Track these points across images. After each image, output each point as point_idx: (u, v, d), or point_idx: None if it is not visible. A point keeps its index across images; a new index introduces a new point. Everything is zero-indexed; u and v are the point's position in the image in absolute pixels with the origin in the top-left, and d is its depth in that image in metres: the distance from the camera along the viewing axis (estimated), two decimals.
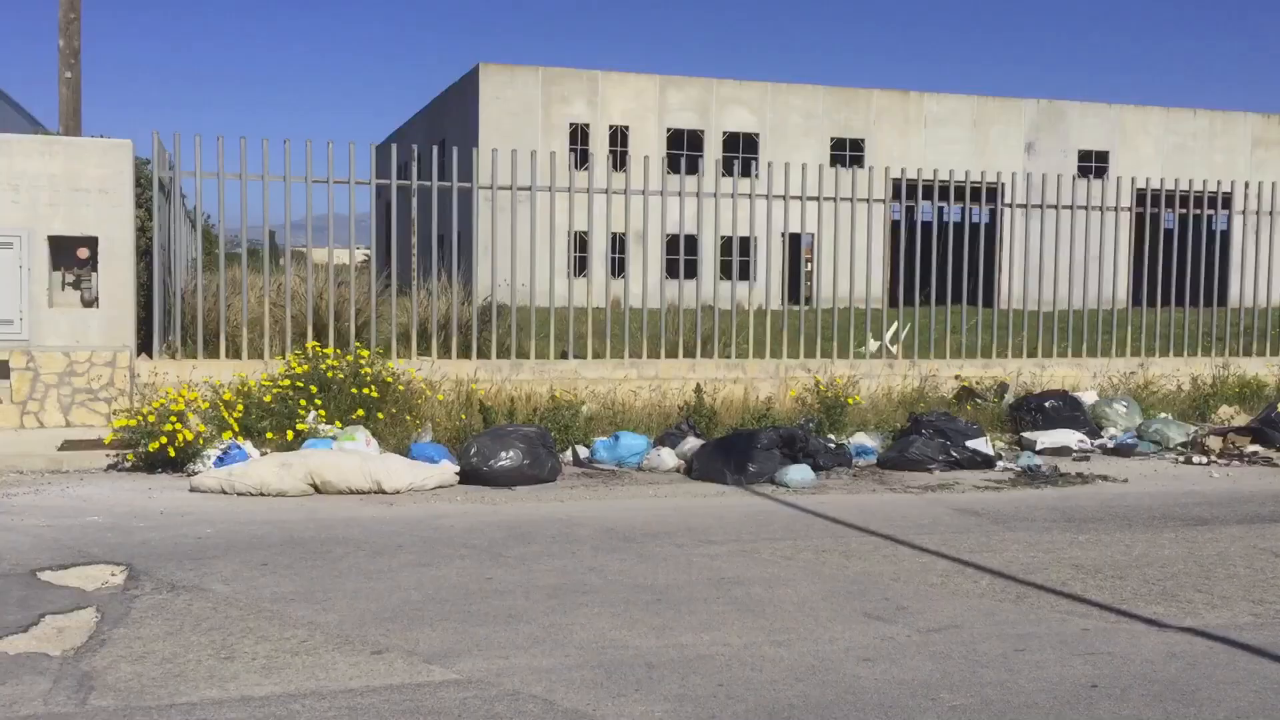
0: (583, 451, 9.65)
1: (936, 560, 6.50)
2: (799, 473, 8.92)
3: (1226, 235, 15.48)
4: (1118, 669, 4.69)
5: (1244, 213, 14.10)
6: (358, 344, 10.54)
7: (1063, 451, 10.40)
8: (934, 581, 6.03)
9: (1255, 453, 10.23)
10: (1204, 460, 10.12)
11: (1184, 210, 13.95)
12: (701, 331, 11.70)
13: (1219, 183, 14.24)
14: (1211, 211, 14.09)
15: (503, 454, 8.66)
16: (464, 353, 11.19)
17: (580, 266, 26.62)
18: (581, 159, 33.96)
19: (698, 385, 10.98)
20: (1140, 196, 14.02)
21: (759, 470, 8.93)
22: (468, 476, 8.64)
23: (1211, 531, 7.35)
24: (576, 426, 9.97)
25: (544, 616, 5.29)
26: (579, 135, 37.43)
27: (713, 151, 37.34)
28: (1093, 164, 38.64)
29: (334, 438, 8.94)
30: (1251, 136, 39.87)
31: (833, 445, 9.76)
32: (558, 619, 5.25)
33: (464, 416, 9.88)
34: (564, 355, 11.60)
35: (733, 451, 9.13)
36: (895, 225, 15.85)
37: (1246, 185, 14.34)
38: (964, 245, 12.92)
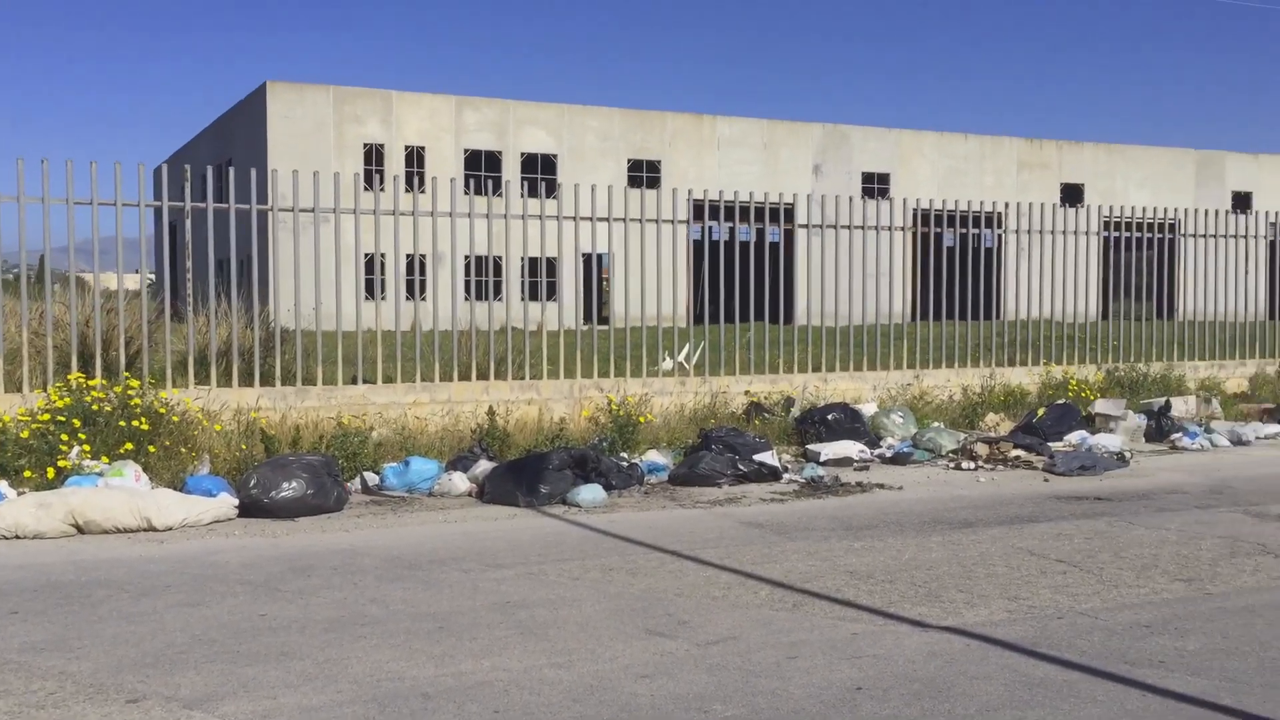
0: (372, 479, 9.43)
1: (720, 573, 6.63)
2: (591, 492, 8.96)
3: (998, 252, 16.45)
4: (882, 670, 4.89)
5: (1015, 231, 15.06)
6: (127, 374, 9.99)
7: (845, 462, 10.80)
8: (716, 595, 6.16)
9: (1018, 457, 10.89)
10: (972, 466, 10.70)
11: (959, 229, 14.79)
12: (496, 353, 11.64)
13: (991, 203, 15.14)
14: (984, 230, 14.99)
15: (285, 484, 8.37)
16: (246, 380, 10.78)
17: (378, 289, 26.13)
18: (377, 179, 33.34)
19: (490, 408, 10.90)
20: (919, 216, 14.77)
21: (551, 491, 8.92)
22: (248, 509, 8.31)
23: (975, 534, 7.77)
24: (365, 453, 9.74)
25: (319, 651, 5.13)
26: (374, 155, 36.75)
27: (512, 172, 37.31)
28: (875, 185, 40.49)
29: (100, 474, 8.45)
30: (1017, 159, 42.60)
31: (625, 464, 9.85)
32: (333, 653, 5.10)
33: (245, 447, 9.50)
34: (354, 380, 11.33)
35: (524, 473, 9.10)
36: (694, 245, 16.20)
37: (1016, 205, 15.30)
38: (762, 264, 13.30)
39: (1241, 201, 44.57)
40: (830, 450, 10.93)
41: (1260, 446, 12.35)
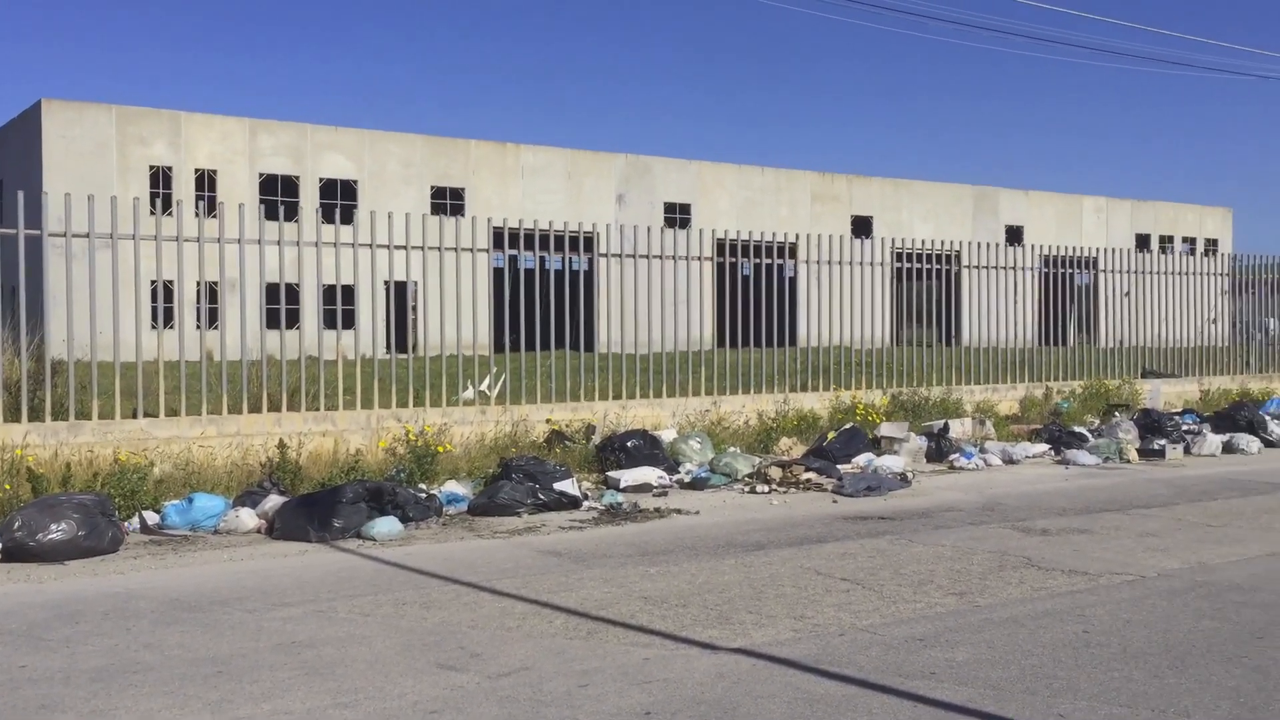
0: (152, 518, 8.97)
1: (516, 604, 6.60)
2: (386, 525, 8.78)
3: (794, 282, 17.05)
4: (671, 694, 4.96)
5: (810, 262, 15.65)
6: None
7: (644, 488, 10.94)
8: (511, 626, 6.12)
9: (809, 480, 11.27)
10: (766, 489, 11.01)
11: (758, 259, 15.27)
12: (289, 383, 11.28)
13: (786, 235, 15.65)
14: (781, 260, 15.54)
15: (53, 526, 7.87)
16: (13, 416, 10.09)
17: (166, 317, 24.94)
18: (165, 203, 31.88)
19: (281, 440, 10.55)
20: (720, 246, 15.17)
21: (344, 525, 8.69)
22: (11, 553, 7.77)
23: (767, 555, 7.99)
24: (145, 491, 9.26)
25: (83, 703, 4.83)
26: (161, 178, 35.19)
27: (310, 198, 36.35)
28: (677, 215, 41.34)
29: None
30: (811, 192, 44.30)
31: (423, 495, 9.69)
32: (100, 704, 4.81)
33: (9, 486, 8.89)
34: (135, 414, 10.76)
35: (317, 508, 8.84)
36: (499, 273, 16.13)
37: (810, 236, 15.89)
38: (565, 292, 13.35)
39: (1014, 234, 47.60)
40: (630, 477, 11.05)
41: (1028, 465, 13.18)
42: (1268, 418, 15.61)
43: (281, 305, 11.50)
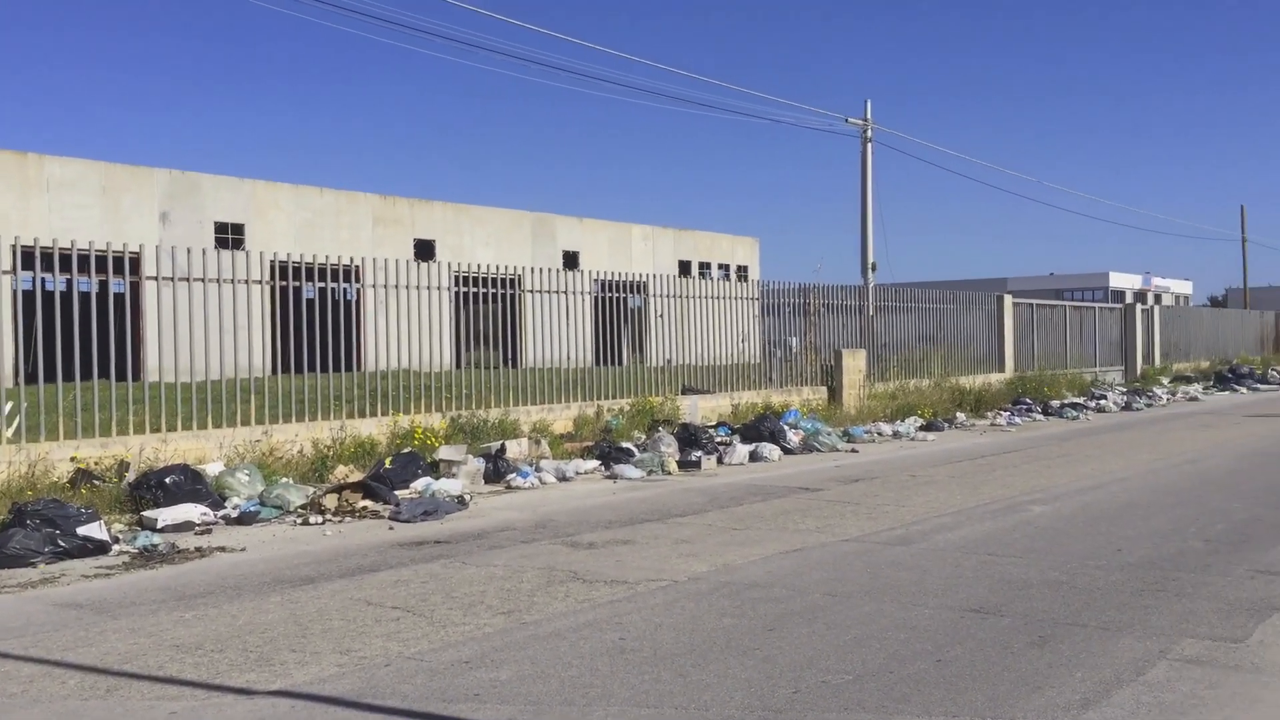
0: None
1: (22, 665, 5.89)
2: None
3: (358, 305, 16.67)
4: None
5: (374, 286, 15.37)
6: None
7: (185, 527, 10.21)
8: (14, 691, 5.45)
9: (365, 508, 11.05)
10: (320, 520, 10.66)
11: (320, 283, 14.77)
12: None
13: (349, 258, 15.28)
14: (344, 284, 15.14)
15: None
16: None
17: None
18: None
19: None
20: (278, 269, 14.51)
21: None
22: None
23: (316, 589, 7.71)
24: None
25: None
26: None
27: None
28: (230, 235, 39.28)
29: None
30: (373, 215, 43.76)
31: None
32: None
33: None
34: None
35: None
36: (29, 296, 14.40)
37: (373, 260, 15.62)
38: (103, 318, 12.17)
39: (571, 259, 49.74)
40: (169, 516, 10.27)
41: (581, 481, 13.75)
42: (786, 428, 17.35)
43: None
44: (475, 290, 16.83)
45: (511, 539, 9.67)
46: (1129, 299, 66.66)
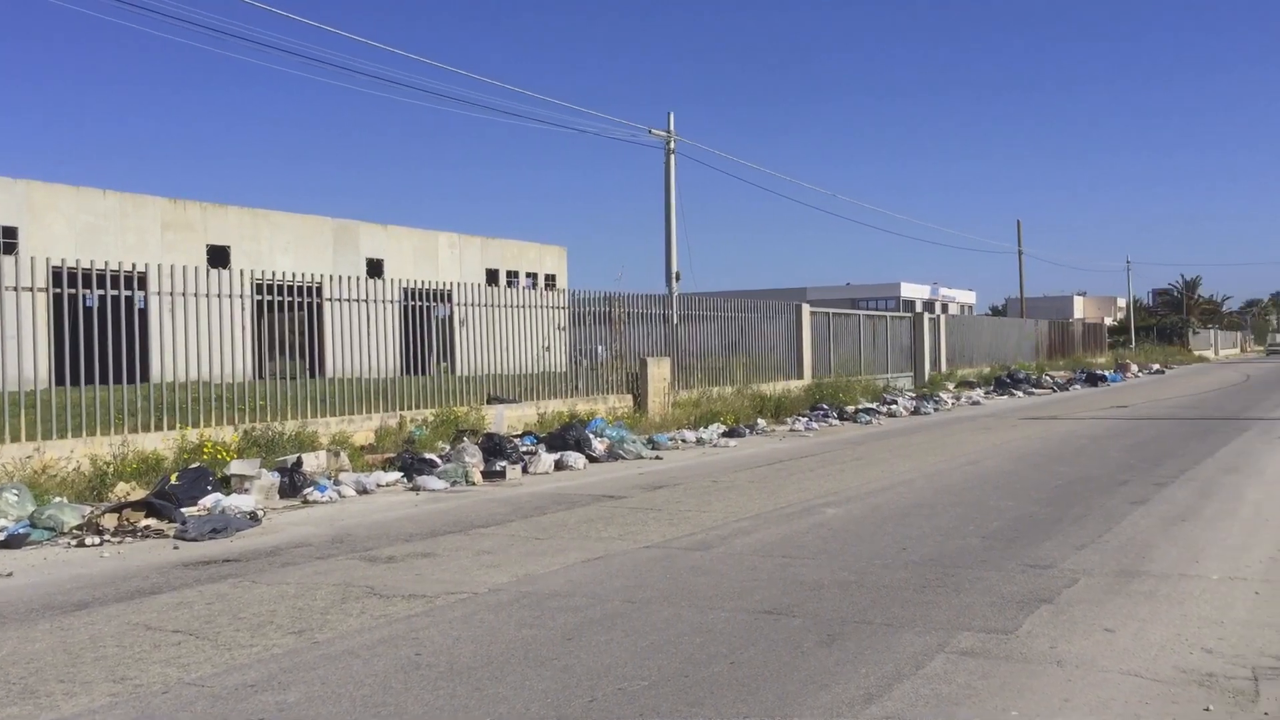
0: None
1: None
2: None
3: (146, 314, 15.83)
4: None
5: (163, 294, 14.59)
6: None
7: None
8: None
9: (148, 527, 10.49)
10: (98, 541, 10.06)
11: (103, 290, 13.94)
12: None
13: (134, 264, 14.47)
14: (130, 291, 14.33)
15: None
16: None
17: None
18: None
19: None
20: (57, 275, 13.62)
21: None
22: None
23: (90, 614, 7.26)
24: None
25: None
26: None
27: None
28: (2, 240, 36.78)
29: None
30: (161, 220, 41.75)
31: None
32: None
33: None
34: None
35: None
36: None
37: (162, 267, 14.83)
38: None
39: (375, 268, 48.67)
40: None
41: (382, 494, 13.44)
42: (592, 436, 17.43)
43: None
44: (275, 299, 16.24)
45: (306, 555, 9.36)
46: (919, 308, 70.17)
